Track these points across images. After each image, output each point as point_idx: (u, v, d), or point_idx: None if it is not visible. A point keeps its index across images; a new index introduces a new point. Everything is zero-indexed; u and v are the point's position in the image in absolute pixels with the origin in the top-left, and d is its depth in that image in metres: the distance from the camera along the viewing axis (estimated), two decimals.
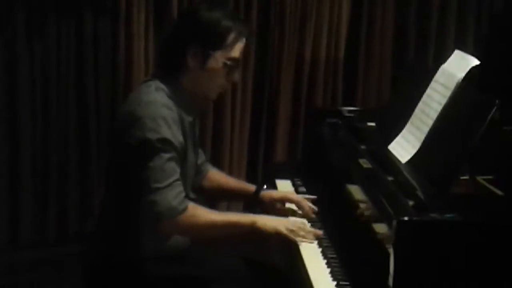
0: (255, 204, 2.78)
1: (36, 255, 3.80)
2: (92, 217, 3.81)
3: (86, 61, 3.71)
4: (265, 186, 2.85)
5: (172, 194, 2.26)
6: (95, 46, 3.71)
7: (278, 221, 2.48)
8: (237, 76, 2.52)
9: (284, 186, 3.01)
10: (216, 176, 2.83)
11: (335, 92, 4.08)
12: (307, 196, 2.80)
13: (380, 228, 2.09)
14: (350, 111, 3.14)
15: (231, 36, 2.40)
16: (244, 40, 2.45)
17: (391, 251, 1.92)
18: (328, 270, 2.24)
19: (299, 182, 3.04)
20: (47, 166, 3.75)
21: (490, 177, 2.45)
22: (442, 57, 2.57)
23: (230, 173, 3.94)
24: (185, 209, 2.29)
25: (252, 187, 2.82)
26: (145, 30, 3.76)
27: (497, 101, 2.11)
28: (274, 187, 3.00)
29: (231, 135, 3.93)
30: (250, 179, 3.98)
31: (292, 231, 2.43)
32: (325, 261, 2.30)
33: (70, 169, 3.78)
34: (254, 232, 2.41)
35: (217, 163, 3.89)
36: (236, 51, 2.43)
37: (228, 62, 2.42)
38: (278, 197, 2.78)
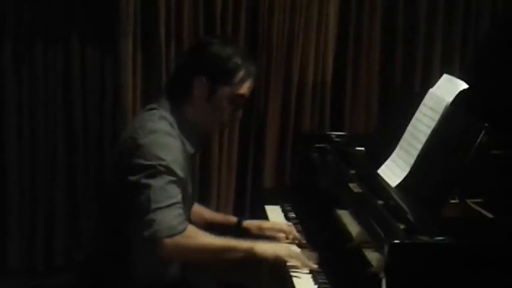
0: (239, 234, 2.76)
1: (24, 285, 3.77)
2: (79, 247, 3.78)
3: (74, 88, 3.69)
4: (243, 220, 2.82)
5: (172, 215, 2.22)
6: (82, 73, 3.70)
7: (277, 246, 2.47)
8: (240, 114, 2.54)
9: (274, 212, 3.01)
10: (199, 210, 2.83)
11: (323, 117, 4.08)
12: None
13: (371, 252, 2.09)
14: (338, 136, 3.15)
15: (240, 74, 2.42)
16: (252, 79, 2.48)
17: (382, 275, 1.92)
18: None
19: (288, 208, 3.03)
20: (34, 194, 3.72)
21: (479, 200, 2.46)
22: (428, 82, 2.58)
23: (218, 200, 3.93)
24: (184, 230, 2.24)
25: (234, 219, 2.83)
26: (133, 57, 3.76)
27: (486, 124, 2.12)
28: (264, 213, 3.00)
29: (218, 161, 3.92)
30: (238, 206, 3.97)
31: (291, 256, 2.41)
32: (316, 286, 2.29)
33: (57, 197, 3.74)
34: (250, 258, 2.37)
35: (205, 190, 3.88)
36: (243, 89, 2.45)
37: (234, 99, 2.44)
38: (267, 227, 2.77)
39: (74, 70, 3.67)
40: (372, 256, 2.08)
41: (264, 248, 2.39)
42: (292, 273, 2.37)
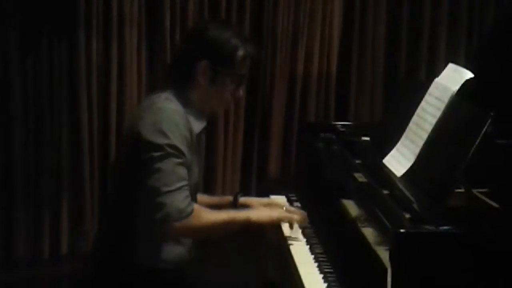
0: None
1: (30, 275, 3.78)
2: (84, 237, 3.79)
3: (79, 80, 3.68)
4: (239, 196, 2.87)
5: (181, 197, 2.32)
6: (87, 66, 3.69)
7: (270, 210, 2.66)
8: (241, 92, 2.62)
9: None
10: (199, 198, 2.85)
11: (328, 107, 4.09)
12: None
13: (377, 241, 2.09)
14: (344, 126, 3.14)
15: (239, 54, 2.49)
16: (251, 58, 2.56)
17: (388, 264, 1.92)
18: (325, 285, 2.24)
19: (293, 198, 3.03)
20: (40, 185, 3.73)
21: (485, 189, 2.45)
22: (433, 72, 2.58)
23: (223, 189, 3.94)
24: (191, 211, 2.35)
25: (230, 198, 2.89)
26: (137, 49, 3.77)
27: (491, 114, 2.12)
28: None
29: (224, 151, 3.93)
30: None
31: (285, 216, 2.61)
32: (322, 275, 2.30)
33: (62, 188, 3.75)
34: (249, 227, 2.52)
35: (210, 179, 3.89)
36: (244, 69, 2.54)
37: (235, 79, 2.53)
38: (265, 203, 2.84)
39: (79, 63, 3.66)
40: (377, 241, 2.08)
41: (258, 214, 2.56)
42: (297, 263, 2.39)
